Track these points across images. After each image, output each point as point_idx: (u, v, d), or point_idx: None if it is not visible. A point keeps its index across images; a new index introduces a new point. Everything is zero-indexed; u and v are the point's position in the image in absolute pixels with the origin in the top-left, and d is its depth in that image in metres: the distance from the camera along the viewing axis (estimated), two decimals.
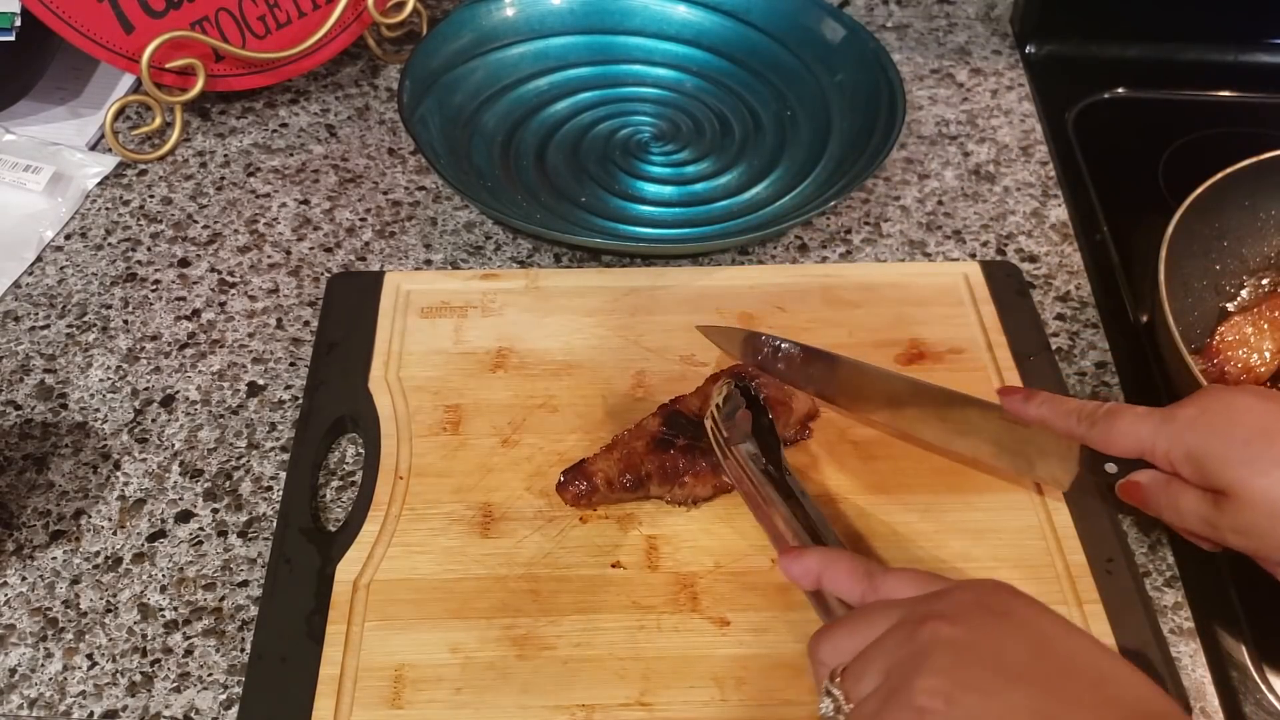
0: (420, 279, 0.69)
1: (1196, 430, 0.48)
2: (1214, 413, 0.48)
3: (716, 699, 0.51)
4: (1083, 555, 0.56)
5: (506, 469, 0.59)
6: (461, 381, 0.63)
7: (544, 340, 0.66)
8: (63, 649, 0.54)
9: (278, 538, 0.57)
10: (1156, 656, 0.52)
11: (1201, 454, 0.47)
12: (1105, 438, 0.51)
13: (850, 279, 0.70)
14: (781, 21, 0.84)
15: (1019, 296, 0.69)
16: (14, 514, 0.59)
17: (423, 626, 0.53)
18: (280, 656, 0.52)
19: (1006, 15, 0.94)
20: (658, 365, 0.65)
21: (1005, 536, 0.57)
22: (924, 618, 0.39)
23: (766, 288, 0.69)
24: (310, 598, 0.54)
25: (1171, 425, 0.49)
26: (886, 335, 0.66)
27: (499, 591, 0.55)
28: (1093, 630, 0.53)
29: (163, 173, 0.79)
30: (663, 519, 0.58)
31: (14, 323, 0.69)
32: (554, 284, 0.69)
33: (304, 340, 0.68)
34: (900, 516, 0.58)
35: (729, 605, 0.54)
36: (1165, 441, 0.49)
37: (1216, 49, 0.89)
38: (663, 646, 0.53)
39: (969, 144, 0.82)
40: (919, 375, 0.62)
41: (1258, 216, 0.69)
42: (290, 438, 0.62)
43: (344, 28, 0.84)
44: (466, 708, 0.50)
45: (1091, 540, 0.57)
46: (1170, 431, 0.48)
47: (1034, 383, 0.64)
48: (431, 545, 0.56)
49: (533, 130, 0.80)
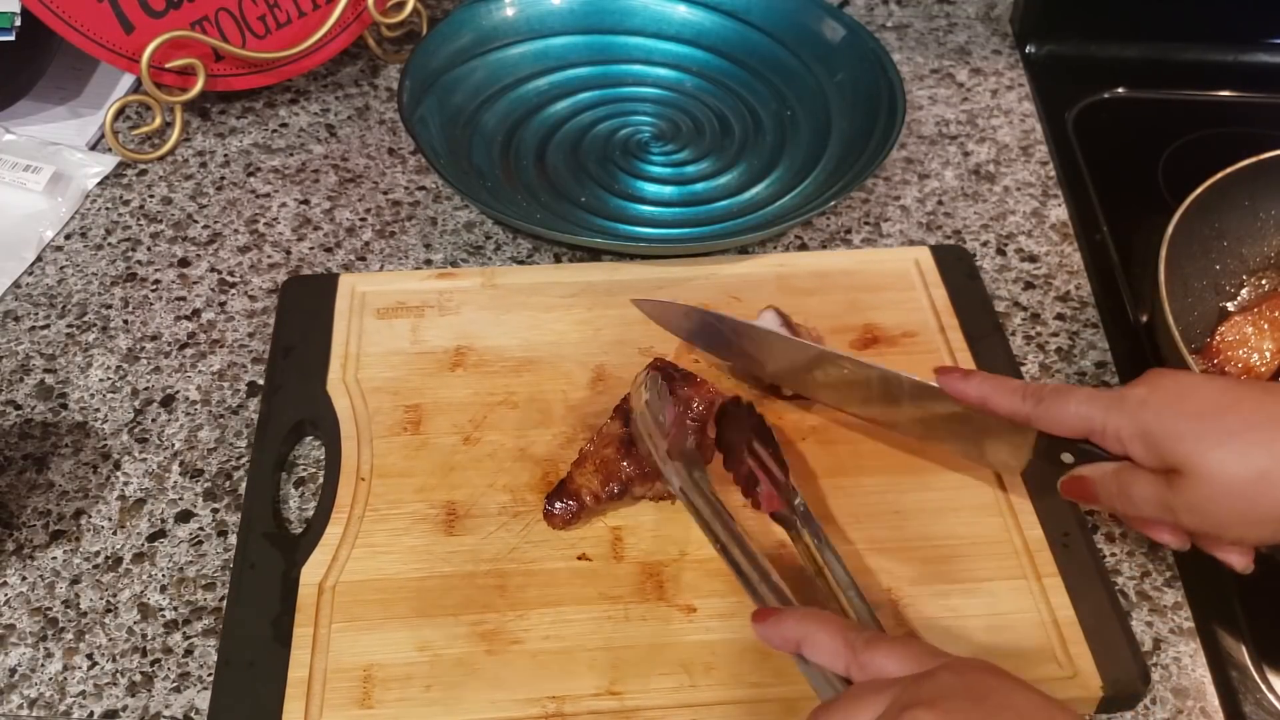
0: (375, 280, 0.69)
1: (1148, 408, 0.47)
2: (1164, 390, 0.47)
3: (686, 685, 0.51)
4: (1040, 530, 0.57)
5: (469, 467, 0.60)
6: (421, 381, 0.64)
7: (502, 337, 0.66)
8: (63, 649, 0.54)
9: (241, 543, 0.56)
10: (1115, 627, 0.53)
11: (1153, 431, 0.47)
12: (1051, 418, 0.50)
13: (803, 267, 0.70)
14: (781, 21, 0.84)
15: (969, 279, 0.70)
16: (14, 514, 0.59)
17: (390, 626, 0.53)
18: (248, 661, 0.52)
19: (1006, 15, 0.94)
20: (617, 358, 0.65)
21: (964, 514, 0.58)
22: (906, 705, 0.39)
23: (722, 278, 0.70)
24: (276, 601, 0.54)
25: (1122, 405, 0.48)
26: (841, 321, 0.67)
27: (466, 588, 0.55)
28: (1052, 602, 0.54)
29: (163, 173, 0.79)
30: (627, 510, 0.58)
31: (14, 323, 0.69)
32: (511, 281, 0.69)
33: None
34: (860, 499, 0.58)
35: (695, 593, 0.55)
36: (1116, 421, 0.48)
37: (1216, 49, 0.89)
38: (631, 636, 0.53)
39: (969, 144, 0.82)
40: (874, 359, 0.62)
41: (1258, 216, 0.69)
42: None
43: (344, 28, 0.84)
44: (437, 704, 0.51)
45: (1048, 515, 0.57)
46: (1121, 411, 0.48)
47: (985, 363, 0.64)
48: (396, 545, 0.56)
49: (533, 130, 0.80)
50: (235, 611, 0.54)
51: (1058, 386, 0.51)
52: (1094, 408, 0.49)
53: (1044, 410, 0.50)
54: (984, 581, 0.55)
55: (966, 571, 0.56)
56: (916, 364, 0.64)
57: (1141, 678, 0.52)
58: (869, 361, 0.58)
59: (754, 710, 0.51)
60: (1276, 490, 0.44)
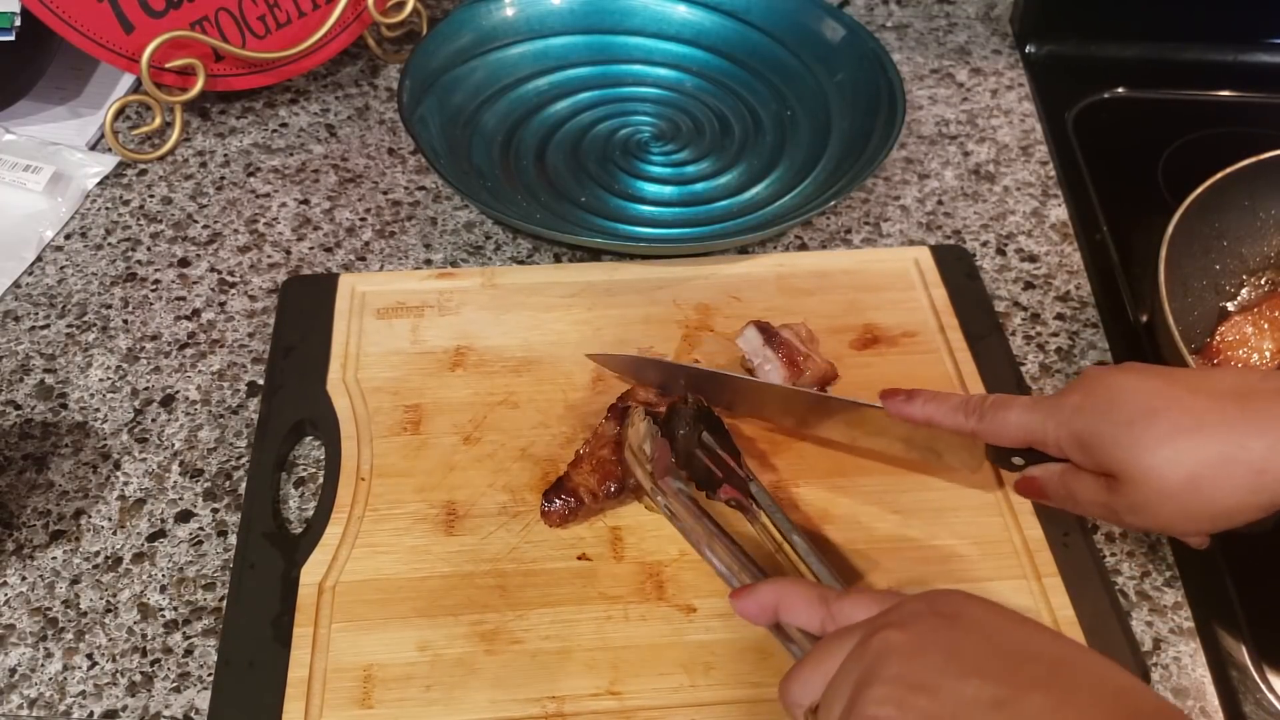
0: (375, 280, 0.69)
1: (1082, 415, 0.48)
2: (1097, 396, 0.48)
3: (685, 685, 0.52)
4: (1040, 530, 0.57)
5: (469, 466, 0.60)
6: (421, 381, 0.64)
7: (502, 337, 0.66)
8: (63, 649, 0.54)
9: (241, 543, 0.57)
10: (1115, 626, 0.53)
11: (1088, 438, 0.47)
12: (995, 430, 0.51)
13: (803, 267, 0.71)
14: (781, 21, 0.84)
15: (969, 279, 0.70)
16: (14, 514, 0.59)
17: (390, 626, 0.53)
18: (248, 661, 0.52)
19: (1006, 15, 0.94)
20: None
21: (964, 514, 0.58)
22: (875, 630, 0.40)
23: (722, 278, 0.70)
24: (276, 601, 0.54)
25: (1059, 413, 0.49)
26: (841, 321, 0.67)
27: (466, 588, 0.55)
28: (1052, 602, 0.54)
29: (163, 172, 0.79)
30: (626, 510, 0.58)
31: (14, 323, 0.69)
32: (510, 281, 0.69)
33: None
34: (861, 501, 0.59)
35: (694, 592, 0.55)
36: (1054, 430, 0.49)
37: (1216, 49, 0.89)
38: (630, 636, 0.53)
39: (969, 144, 0.82)
40: (874, 360, 0.63)
41: (1258, 216, 0.69)
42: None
43: (344, 28, 0.84)
44: (437, 704, 0.51)
45: (1048, 515, 0.58)
46: (1058, 419, 0.49)
47: (985, 363, 0.65)
48: (396, 545, 0.56)
49: (533, 130, 0.80)
50: (235, 611, 0.54)
51: (998, 398, 0.51)
52: (1033, 417, 0.50)
53: (986, 425, 0.51)
54: (984, 581, 0.55)
55: (966, 571, 0.56)
56: (916, 364, 0.64)
57: (1141, 677, 0.52)
58: (826, 394, 0.59)
59: (754, 710, 0.51)
60: (1209, 490, 0.45)
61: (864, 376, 0.64)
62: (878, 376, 0.63)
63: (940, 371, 0.65)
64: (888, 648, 0.38)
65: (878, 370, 0.64)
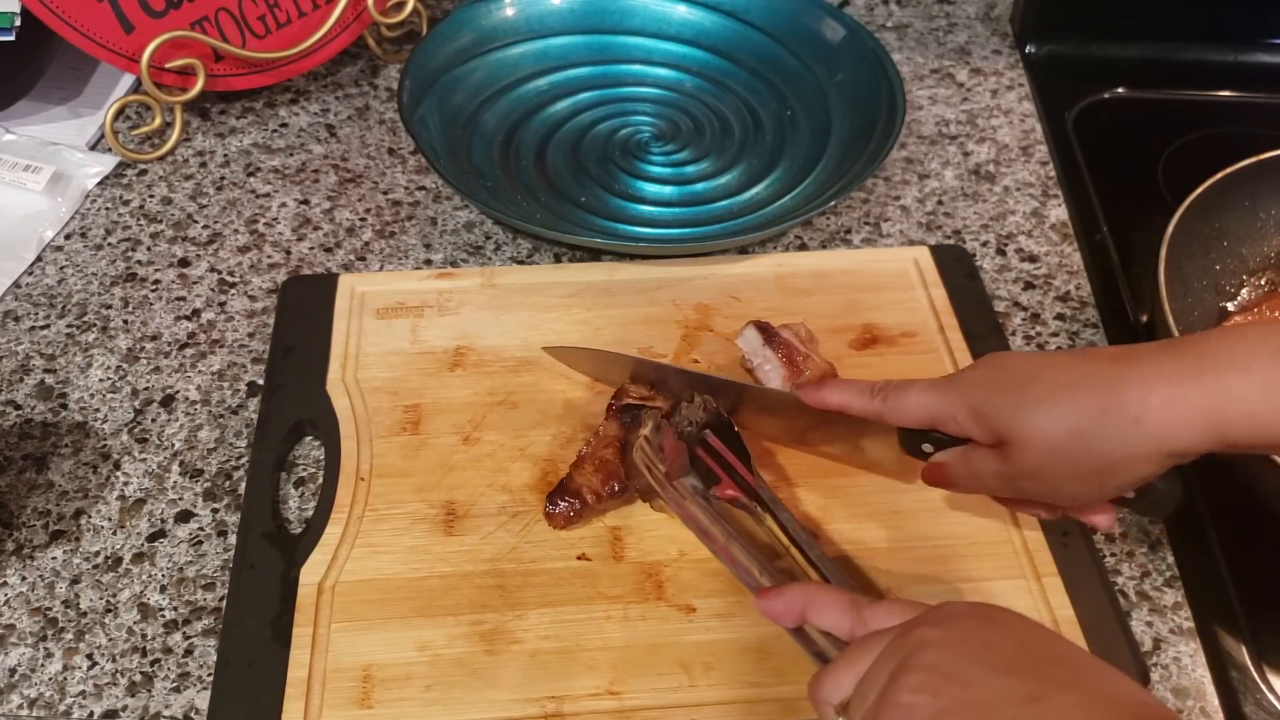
0: (375, 280, 0.69)
1: (976, 388, 0.49)
2: (990, 367, 0.50)
3: (685, 685, 0.52)
4: (1039, 530, 0.57)
5: (469, 466, 0.60)
6: (420, 381, 0.64)
7: (502, 337, 0.66)
8: (63, 649, 0.54)
9: (240, 543, 0.57)
10: (1115, 626, 0.54)
11: (981, 409, 0.49)
12: (897, 410, 0.52)
13: (803, 267, 0.71)
14: (781, 21, 0.84)
15: (969, 279, 0.70)
16: (14, 514, 0.59)
17: (390, 626, 0.53)
18: (247, 661, 0.52)
19: (1006, 15, 0.94)
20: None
21: (963, 514, 0.58)
22: (912, 627, 0.40)
23: (722, 278, 0.70)
24: (275, 602, 0.54)
25: (956, 388, 0.50)
26: (841, 321, 0.67)
27: (465, 588, 0.55)
28: (1051, 602, 0.55)
29: (163, 173, 0.79)
30: (626, 510, 0.58)
31: (14, 323, 0.69)
32: (510, 281, 0.69)
33: None
34: (860, 499, 0.59)
35: (694, 592, 0.55)
36: (951, 405, 0.50)
37: (1216, 49, 0.89)
38: (630, 635, 0.53)
39: (969, 144, 0.82)
40: (874, 360, 0.64)
41: (1258, 216, 0.69)
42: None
43: (344, 28, 0.84)
44: (436, 704, 0.51)
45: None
46: (956, 395, 0.50)
47: None
48: (395, 545, 0.56)
49: (533, 130, 0.80)
50: (235, 611, 0.54)
51: (900, 381, 0.52)
52: (932, 395, 0.51)
53: (891, 405, 0.52)
54: (984, 581, 0.55)
55: (966, 571, 0.56)
56: (916, 364, 0.64)
57: (1141, 677, 0.52)
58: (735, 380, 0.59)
59: (753, 710, 0.51)
60: (1091, 441, 0.46)
61: (864, 376, 0.63)
62: (877, 376, 0.62)
63: (940, 371, 0.64)
64: (924, 641, 0.39)
65: (877, 370, 0.64)
